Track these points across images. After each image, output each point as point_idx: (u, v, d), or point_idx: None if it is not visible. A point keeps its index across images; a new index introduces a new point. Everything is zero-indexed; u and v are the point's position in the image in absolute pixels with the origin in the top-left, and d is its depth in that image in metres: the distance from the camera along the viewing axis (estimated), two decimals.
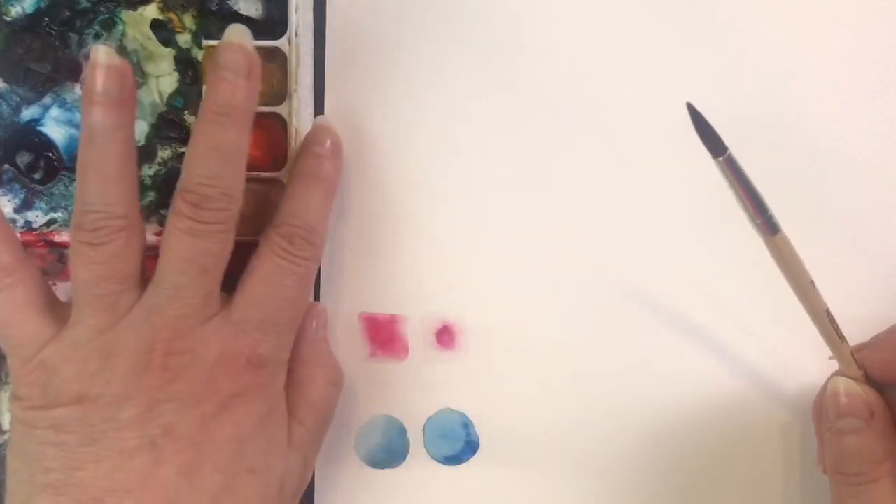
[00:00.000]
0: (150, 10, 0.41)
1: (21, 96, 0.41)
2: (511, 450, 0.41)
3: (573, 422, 0.41)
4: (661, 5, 0.41)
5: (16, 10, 0.41)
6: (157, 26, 0.41)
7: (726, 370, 0.40)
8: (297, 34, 0.39)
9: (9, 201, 0.41)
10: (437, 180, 0.41)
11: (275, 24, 0.40)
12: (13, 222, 0.41)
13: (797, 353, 0.40)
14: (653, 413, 0.40)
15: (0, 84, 0.41)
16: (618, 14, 0.41)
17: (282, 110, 0.39)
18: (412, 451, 0.41)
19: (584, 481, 0.41)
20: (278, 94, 0.40)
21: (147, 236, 0.37)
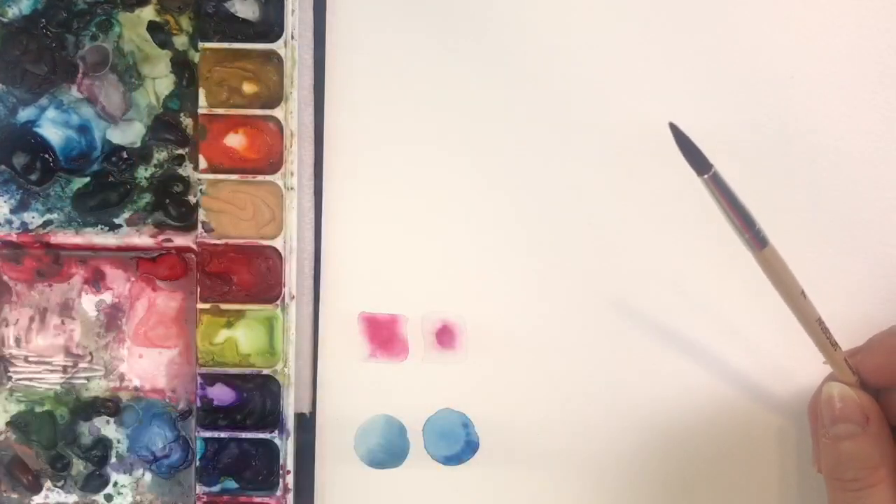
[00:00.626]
0: (147, 12, 0.41)
1: (17, 97, 0.41)
2: (511, 450, 0.41)
3: (573, 422, 0.41)
4: (662, 6, 0.40)
5: (12, 12, 0.41)
6: (153, 28, 0.41)
7: (724, 373, 0.40)
8: (293, 37, 0.39)
9: (5, 202, 0.41)
10: (436, 180, 0.41)
11: (271, 26, 0.39)
12: (9, 224, 0.41)
13: (792, 357, 0.40)
14: (651, 414, 0.40)
15: None
16: (618, 15, 0.40)
17: (278, 113, 0.39)
18: (412, 451, 0.41)
19: (583, 481, 0.41)
20: (275, 97, 0.40)
21: (143, 238, 0.37)
